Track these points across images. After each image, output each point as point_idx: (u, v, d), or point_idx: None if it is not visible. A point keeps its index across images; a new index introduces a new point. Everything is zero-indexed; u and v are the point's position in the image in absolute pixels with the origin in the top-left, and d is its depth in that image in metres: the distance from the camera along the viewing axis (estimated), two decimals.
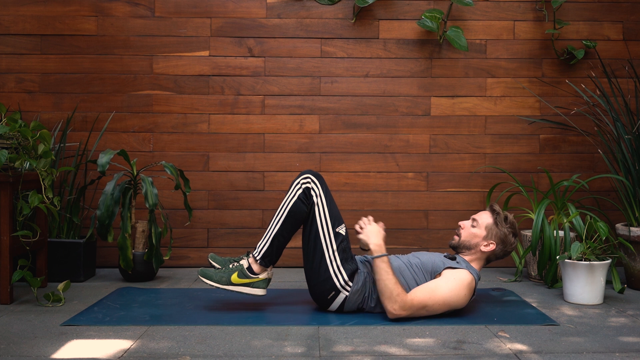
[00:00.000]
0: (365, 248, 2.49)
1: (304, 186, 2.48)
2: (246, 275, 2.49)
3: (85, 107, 3.55)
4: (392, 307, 2.36)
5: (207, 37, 3.56)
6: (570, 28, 3.62)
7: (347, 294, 2.48)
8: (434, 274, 2.49)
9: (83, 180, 3.45)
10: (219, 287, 2.48)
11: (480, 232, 2.58)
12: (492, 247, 2.57)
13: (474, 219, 2.62)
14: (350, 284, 2.48)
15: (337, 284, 2.46)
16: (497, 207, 2.63)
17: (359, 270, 2.51)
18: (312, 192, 2.47)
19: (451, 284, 2.42)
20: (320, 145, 3.60)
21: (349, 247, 2.52)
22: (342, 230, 2.49)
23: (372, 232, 2.49)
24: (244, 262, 2.51)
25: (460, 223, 2.65)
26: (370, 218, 2.57)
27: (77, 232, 3.28)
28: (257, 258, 2.49)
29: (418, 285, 2.48)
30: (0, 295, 2.66)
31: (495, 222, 2.59)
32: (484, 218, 2.61)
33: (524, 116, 3.63)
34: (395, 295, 2.36)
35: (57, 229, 3.23)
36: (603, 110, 3.48)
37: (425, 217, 3.62)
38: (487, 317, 2.50)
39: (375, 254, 2.42)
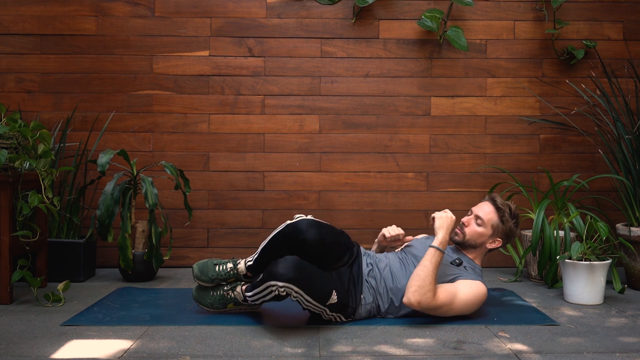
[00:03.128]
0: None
1: (277, 292, 2.24)
2: (242, 304, 2.49)
3: (85, 107, 3.55)
4: (414, 297, 2.30)
5: (207, 37, 3.56)
6: (571, 28, 3.62)
7: (352, 318, 2.46)
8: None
9: (83, 180, 3.45)
10: (215, 312, 2.52)
11: (487, 230, 2.54)
12: (498, 243, 2.56)
13: (478, 217, 2.55)
14: (353, 316, 2.44)
15: (340, 321, 2.42)
16: (499, 201, 2.57)
17: (362, 304, 2.44)
18: (286, 294, 2.26)
19: (470, 297, 2.41)
20: (320, 145, 3.60)
21: (346, 298, 2.37)
22: (333, 299, 2.33)
23: (444, 226, 2.44)
24: (238, 295, 2.45)
25: (464, 220, 2.59)
26: (448, 212, 2.49)
27: (77, 232, 3.28)
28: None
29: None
30: (0, 295, 2.65)
31: (501, 220, 2.54)
32: (488, 214, 2.55)
33: (524, 116, 3.63)
34: (425, 290, 2.30)
35: (57, 229, 3.23)
36: (603, 110, 3.48)
37: (425, 217, 3.61)
38: (487, 317, 2.50)
39: (437, 245, 2.39)
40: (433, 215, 2.50)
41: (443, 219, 2.46)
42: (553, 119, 3.60)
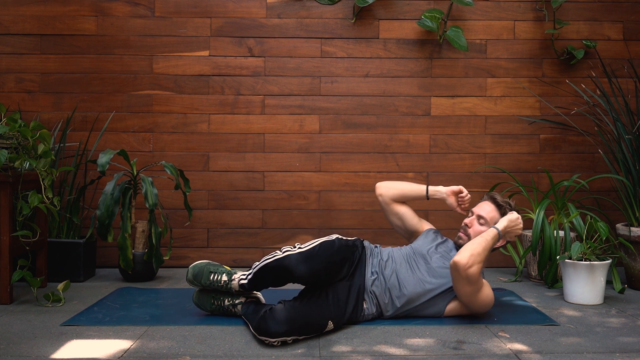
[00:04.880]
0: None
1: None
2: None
3: (85, 107, 3.55)
4: (466, 260, 2.26)
5: (207, 37, 3.57)
6: (571, 28, 3.62)
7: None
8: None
9: (83, 180, 3.45)
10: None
11: None
12: (502, 242, 2.53)
13: (480, 217, 2.54)
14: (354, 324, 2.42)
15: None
16: (499, 198, 2.57)
17: (363, 315, 2.41)
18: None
19: (490, 294, 2.42)
20: (320, 145, 3.60)
21: (343, 319, 2.33)
22: (330, 327, 2.27)
23: (513, 219, 2.46)
24: (239, 311, 2.43)
25: (466, 221, 2.58)
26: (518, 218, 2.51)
27: (77, 232, 3.28)
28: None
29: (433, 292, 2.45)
30: (0, 295, 2.66)
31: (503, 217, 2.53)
32: (490, 212, 2.54)
33: (524, 116, 3.63)
34: (478, 259, 2.29)
35: (57, 229, 3.23)
36: (603, 110, 3.48)
37: (426, 217, 3.61)
38: (487, 317, 2.50)
39: (501, 228, 2.42)
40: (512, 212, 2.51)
41: (514, 214, 2.48)
42: (553, 119, 3.60)
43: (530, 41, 3.63)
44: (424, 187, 2.75)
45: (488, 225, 2.53)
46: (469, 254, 2.29)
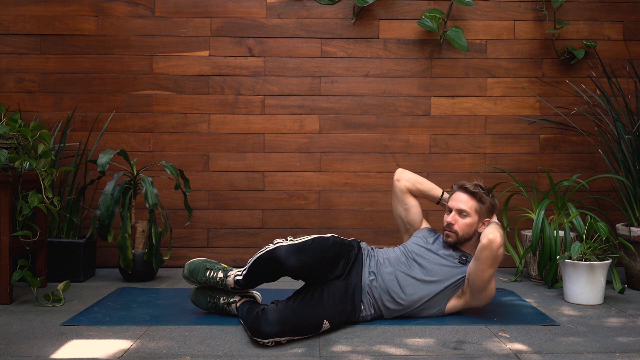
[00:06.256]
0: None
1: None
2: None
3: (85, 107, 3.55)
4: (500, 239, 2.31)
5: (207, 37, 3.57)
6: (571, 28, 3.62)
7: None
8: (457, 288, 2.47)
9: (83, 180, 3.45)
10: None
11: (473, 219, 2.52)
12: (487, 223, 2.52)
13: (460, 211, 2.52)
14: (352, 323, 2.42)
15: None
16: (469, 186, 2.54)
17: (361, 315, 2.41)
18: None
19: (493, 289, 2.44)
20: (320, 145, 3.60)
21: (340, 318, 2.32)
22: (326, 326, 2.25)
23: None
24: (233, 310, 2.43)
25: (449, 219, 2.54)
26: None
27: (77, 232, 3.28)
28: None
29: (431, 295, 2.45)
30: (0, 295, 2.66)
31: (481, 201, 2.52)
32: (467, 202, 2.52)
33: (524, 116, 3.63)
34: (502, 239, 2.33)
35: (57, 229, 3.23)
36: (603, 110, 3.48)
37: (426, 217, 3.60)
38: (487, 317, 2.50)
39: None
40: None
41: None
42: (553, 119, 3.60)
43: (531, 41, 3.63)
44: (440, 191, 2.74)
45: (470, 215, 2.52)
46: (500, 234, 2.31)
